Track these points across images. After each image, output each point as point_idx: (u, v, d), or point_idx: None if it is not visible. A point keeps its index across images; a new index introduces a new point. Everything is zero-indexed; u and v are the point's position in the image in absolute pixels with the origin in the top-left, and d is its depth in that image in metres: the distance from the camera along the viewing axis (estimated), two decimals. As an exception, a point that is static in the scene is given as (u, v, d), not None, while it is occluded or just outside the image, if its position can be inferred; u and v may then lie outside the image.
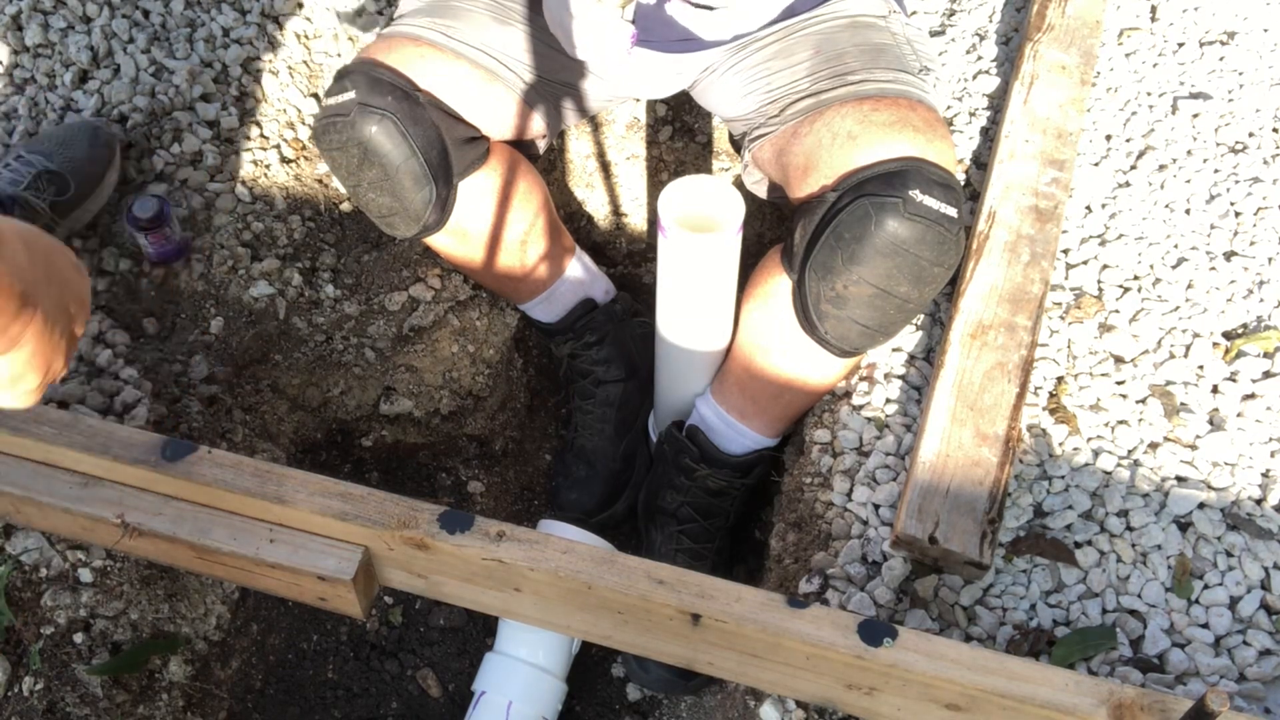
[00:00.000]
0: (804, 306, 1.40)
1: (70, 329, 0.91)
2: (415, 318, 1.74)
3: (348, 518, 1.22)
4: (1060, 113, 1.64)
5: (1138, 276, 1.55)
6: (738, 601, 1.16)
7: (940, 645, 1.13)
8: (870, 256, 1.32)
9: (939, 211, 1.31)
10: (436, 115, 1.48)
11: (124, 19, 1.87)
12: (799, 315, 1.42)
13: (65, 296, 0.90)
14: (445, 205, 1.53)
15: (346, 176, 1.51)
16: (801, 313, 1.41)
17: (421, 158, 1.47)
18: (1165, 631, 1.26)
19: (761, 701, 1.32)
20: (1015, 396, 1.37)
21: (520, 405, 1.94)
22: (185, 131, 1.77)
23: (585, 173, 2.04)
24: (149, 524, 1.26)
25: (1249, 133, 1.70)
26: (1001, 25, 1.88)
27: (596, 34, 1.36)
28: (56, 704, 1.31)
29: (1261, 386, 1.43)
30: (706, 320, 1.54)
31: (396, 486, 1.81)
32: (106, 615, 1.37)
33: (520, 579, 1.22)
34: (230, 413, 1.61)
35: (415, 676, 1.69)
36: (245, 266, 1.68)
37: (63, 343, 0.90)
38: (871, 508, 1.39)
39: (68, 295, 0.90)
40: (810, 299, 1.39)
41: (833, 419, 1.50)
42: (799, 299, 1.41)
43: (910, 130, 1.36)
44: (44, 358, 0.88)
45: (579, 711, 1.67)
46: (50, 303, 0.87)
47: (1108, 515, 1.35)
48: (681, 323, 1.55)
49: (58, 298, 0.89)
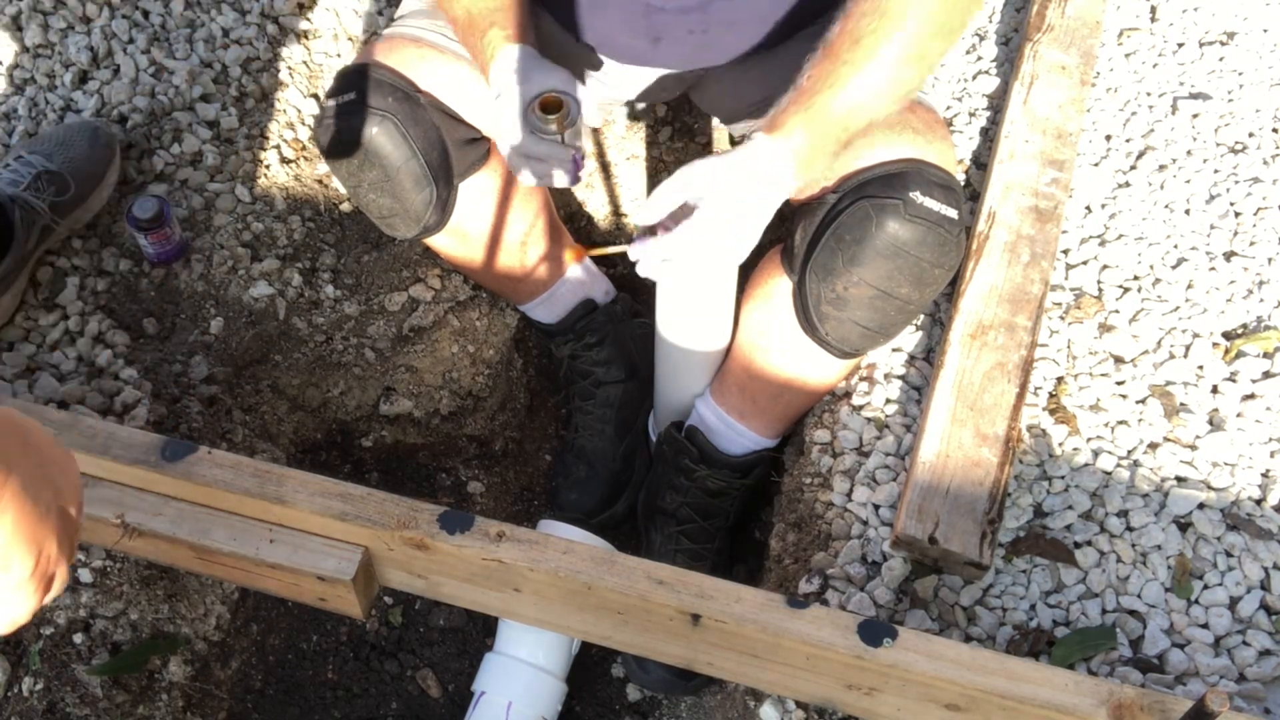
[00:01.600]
0: (804, 308, 1.40)
1: (61, 508, 0.80)
2: (415, 318, 1.74)
3: (348, 518, 1.22)
4: (1060, 113, 1.64)
5: (1138, 277, 1.55)
6: (738, 602, 1.16)
7: (940, 645, 1.13)
8: (871, 258, 1.32)
9: (939, 213, 1.31)
10: (437, 116, 1.48)
11: (124, 19, 1.87)
12: (799, 316, 1.42)
13: (45, 466, 0.80)
14: (446, 206, 1.53)
15: (347, 177, 1.51)
16: (802, 314, 1.41)
17: (422, 159, 1.46)
18: (1165, 632, 1.26)
19: (761, 702, 1.32)
20: (1015, 396, 1.37)
21: (520, 405, 1.94)
22: (185, 132, 1.77)
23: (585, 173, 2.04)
24: (149, 524, 1.26)
25: (1249, 133, 1.70)
26: (1001, 25, 1.88)
27: (542, 166, 1.38)
28: (56, 704, 1.31)
29: (1261, 386, 1.43)
30: (706, 321, 1.54)
31: (396, 487, 1.81)
32: (106, 615, 1.37)
33: (520, 579, 1.22)
34: (230, 413, 1.61)
35: (415, 677, 1.69)
36: (245, 267, 1.68)
37: (52, 520, 0.79)
38: (871, 508, 1.39)
39: (48, 465, 0.80)
40: (811, 300, 1.39)
41: (833, 419, 1.50)
42: (799, 300, 1.41)
43: (910, 132, 1.36)
44: (29, 532, 0.76)
45: (579, 711, 1.67)
46: (28, 470, 0.77)
47: (1108, 515, 1.35)
48: (681, 323, 1.55)
49: (36, 465, 0.78)
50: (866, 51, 1.21)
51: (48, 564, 0.79)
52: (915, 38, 1.22)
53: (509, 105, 1.36)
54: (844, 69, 1.22)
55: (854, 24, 1.22)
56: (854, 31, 1.22)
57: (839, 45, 1.23)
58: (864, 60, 1.22)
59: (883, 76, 1.22)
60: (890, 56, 1.21)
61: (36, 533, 0.77)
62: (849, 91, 1.22)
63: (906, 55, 1.22)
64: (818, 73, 1.24)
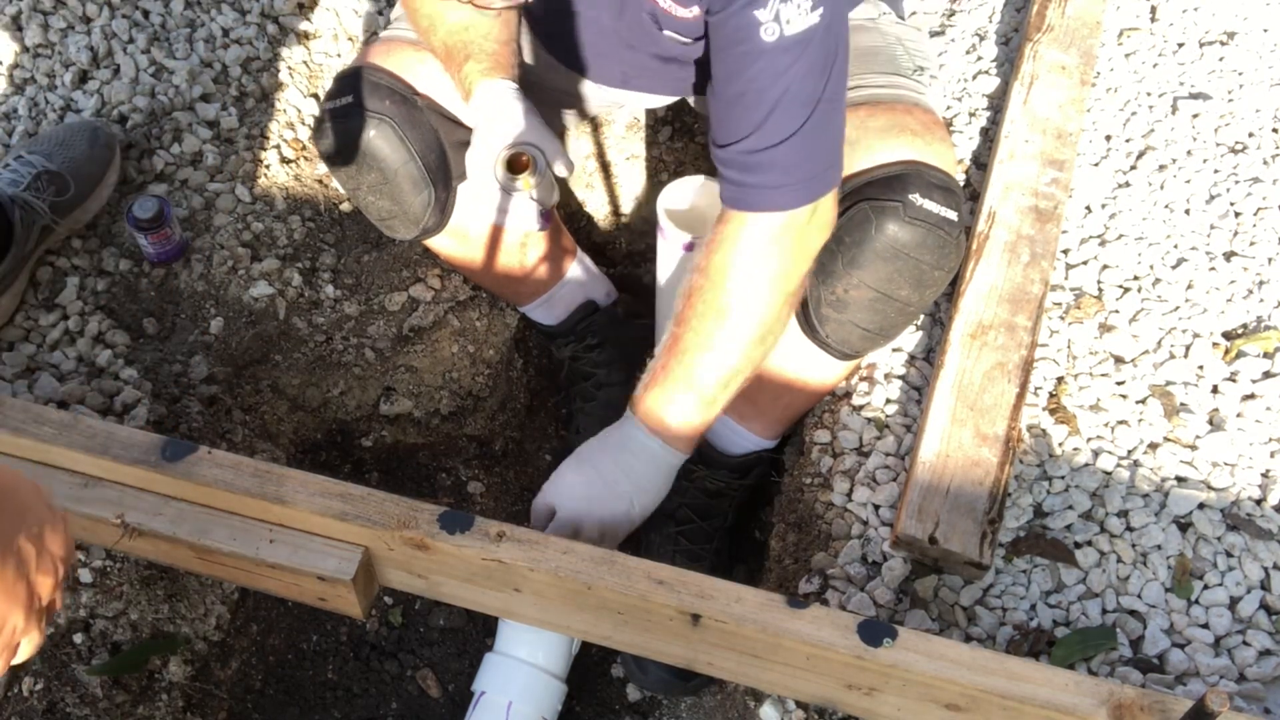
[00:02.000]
0: (804, 310, 1.40)
1: (29, 577, 0.75)
2: (415, 318, 1.74)
3: (348, 518, 1.22)
4: (1060, 113, 1.64)
5: (1138, 277, 1.55)
6: (738, 602, 1.16)
7: (940, 645, 1.13)
8: (870, 260, 1.32)
9: (939, 215, 1.31)
10: (435, 119, 1.48)
11: (124, 19, 1.87)
12: (799, 318, 1.42)
13: (16, 528, 0.74)
14: (444, 208, 1.53)
15: (346, 180, 1.51)
16: (802, 316, 1.41)
17: (420, 161, 1.46)
18: (1165, 632, 1.26)
19: (761, 702, 1.32)
20: (1015, 396, 1.37)
21: (520, 406, 1.94)
22: (185, 131, 1.77)
23: (585, 173, 2.04)
24: (149, 524, 1.26)
25: (1249, 133, 1.70)
26: (1001, 25, 1.88)
27: (509, 217, 1.43)
28: (56, 704, 1.31)
29: (1261, 386, 1.43)
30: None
31: (396, 487, 1.81)
32: (106, 615, 1.37)
33: (520, 579, 1.22)
34: (230, 413, 1.61)
35: (415, 677, 1.69)
36: (245, 266, 1.68)
37: (20, 590, 0.73)
38: (871, 508, 1.39)
39: (20, 525, 0.74)
40: (811, 302, 1.39)
41: (833, 419, 1.50)
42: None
43: (908, 134, 1.36)
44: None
45: (579, 711, 1.67)
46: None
47: (1108, 515, 1.35)
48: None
49: (4, 528, 0.73)
50: (704, 337, 1.27)
51: (12, 634, 0.75)
52: (748, 317, 1.27)
53: (478, 157, 1.41)
54: (691, 352, 1.28)
55: (688, 305, 1.28)
56: (688, 316, 1.28)
57: (681, 328, 1.29)
58: (704, 344, 1.28)
59: (730, 357, 1.28)
60: (726, 339, 1.27)
61: (1, 604, 0.73)
62: (701, 368, 1.28)
63: (748, 334, 1.27)
64: (669, 355, 1.30)
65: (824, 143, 1.22)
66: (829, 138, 1.23)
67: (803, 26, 1.15)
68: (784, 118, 1.18)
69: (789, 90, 1.17)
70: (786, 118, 1.18)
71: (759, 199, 1.22)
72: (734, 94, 1.20)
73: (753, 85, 1.18)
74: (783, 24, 1.14)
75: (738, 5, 1.16)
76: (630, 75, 1.52)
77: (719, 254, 1.26)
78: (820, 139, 1.21)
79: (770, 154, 1.20)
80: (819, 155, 1.22)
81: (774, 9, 1.14)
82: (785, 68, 1.16)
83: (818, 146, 1.21)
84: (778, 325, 1.29)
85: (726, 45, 1.19)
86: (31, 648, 0.78)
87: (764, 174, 1.21)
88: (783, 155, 1.20)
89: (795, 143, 1.19)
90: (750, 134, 1.20)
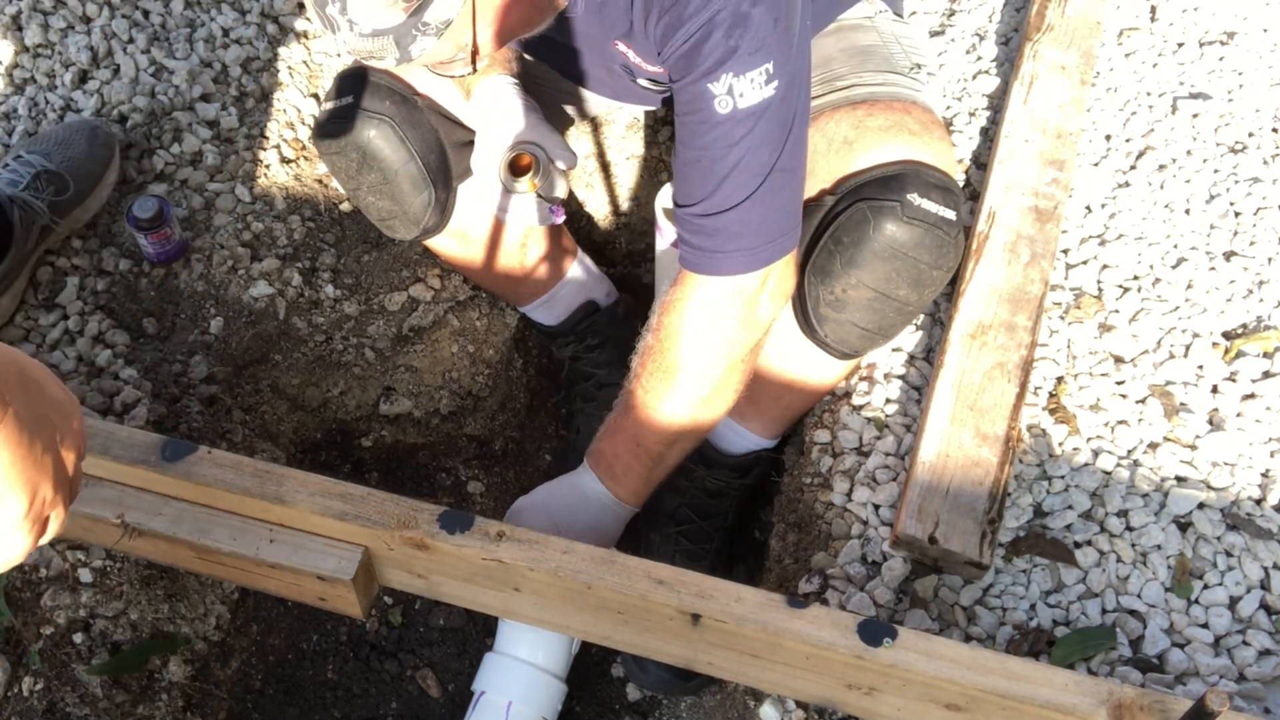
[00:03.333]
0: (803, 310, 1.40)
1: (57, 450, 0.80)
2: (415, 318, 1.74)
3: (347, 518, 1.22)
4: (1060, 113, 1.64)
5: (1137, 276, 1.55)
6: (738, 601, 1.16)
7: (940, 645, 1.13)
8: (869, 260, 1.32)
9: (937, 214, 1.31)
10: (435, 119, 1.48)
11: (124, 19, 1.87)
12: (798, 318, 1.42)
13: (43, 406, 0.79)
14: (445, 208, 1.53)
15: (346, 180, 1.51)
16: (801, 316, 1.41)
17: (420, 161, 1.47)
18: (1165, 631, 1.26)
19: (761, 701, 1.32)
20: (1015, 396, 1.37)
21: (520, 405, 1.94)
22: (185, 131, 1.77)
23: (585, 173, 2.04)
24: (149, 524, 1.26)
25: (1249, 133, 1.70)
26: (1001, 25, 1.88)
27: (516, 216, 1.46)
28: (56, 704, 1.31)
29: (1261, 386, 1.43)
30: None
31: (396, 486, 1.81)
32: (106, 615, 1.37)
33: (520, 579, 1.22)
34: (230, 413, 1.61)
35: (415, 676, 1.69)
36: (245, 266, 1.68)
37: (48, 462, 0.78)
38: (871, 508, 1.39)
39: (46, 405, 0.79)
40: (810, 302, 1.39)
41: (833, 419, 1.50)
42: (798, 302, 1.41)
43: (906, 133, 1.36)
44: (25, 472, 0.76)
45: (579, 711, 1.67)
46: (24, 406, 0.75)
47: (1107, 515, 1.35)
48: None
49: (34, 404, 0.77)
50: (653, 397, 1.31)
51: (43, 505, 0.78)
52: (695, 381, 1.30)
53: (481, 160, 1.43)
54: (640, 410, 1.32)
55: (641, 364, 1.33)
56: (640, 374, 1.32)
57: (634, 385, 1.33)
58: (653, 404, 1.31)
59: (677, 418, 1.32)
60: (673, 401, 1.31)
61: (32, 473, 0.76)
62: (649, 427, 1.32)
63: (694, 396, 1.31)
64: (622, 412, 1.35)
65: (775, 211, 1.23)
66: (781, 205, 1.24)
67: (756, 100, 1.16)
68: (735, 185, 1.20)
69: (742, 160, 1.19)
70: (737, 186, 1.20)
71: (709, 263, 1.25)
72: (690, 158, 1.22)
73: (706, 153, 1.20)
74: (735, 97, 1.16)
75: (691, 77, 1.18)
76: (620, 94, 1.54)
77: (670, 315, 1.30)
78: (771, 207, 1.22)
79: (721, 219, 1.22)
80: (770, 223, 1.23)
81: (727, 83, 1.15)
82: (738, 138, 1.18)
83: (768, 214, 1.23)
84: (726, 391, 1.32)
85: (683, 113, 1.21)
86: (58, 524, 0.82)
87: (714, 238, 1.23)
88: (733, 221, 1.22)
89: (745, 210, 1.21)
90: (704, 199, 1.22)
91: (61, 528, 0.82)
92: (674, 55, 1.19)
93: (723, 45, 1.14)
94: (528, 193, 1.41)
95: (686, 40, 1.16)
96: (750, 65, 1.14)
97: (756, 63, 1.15)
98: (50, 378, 0.82)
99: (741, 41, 1.14)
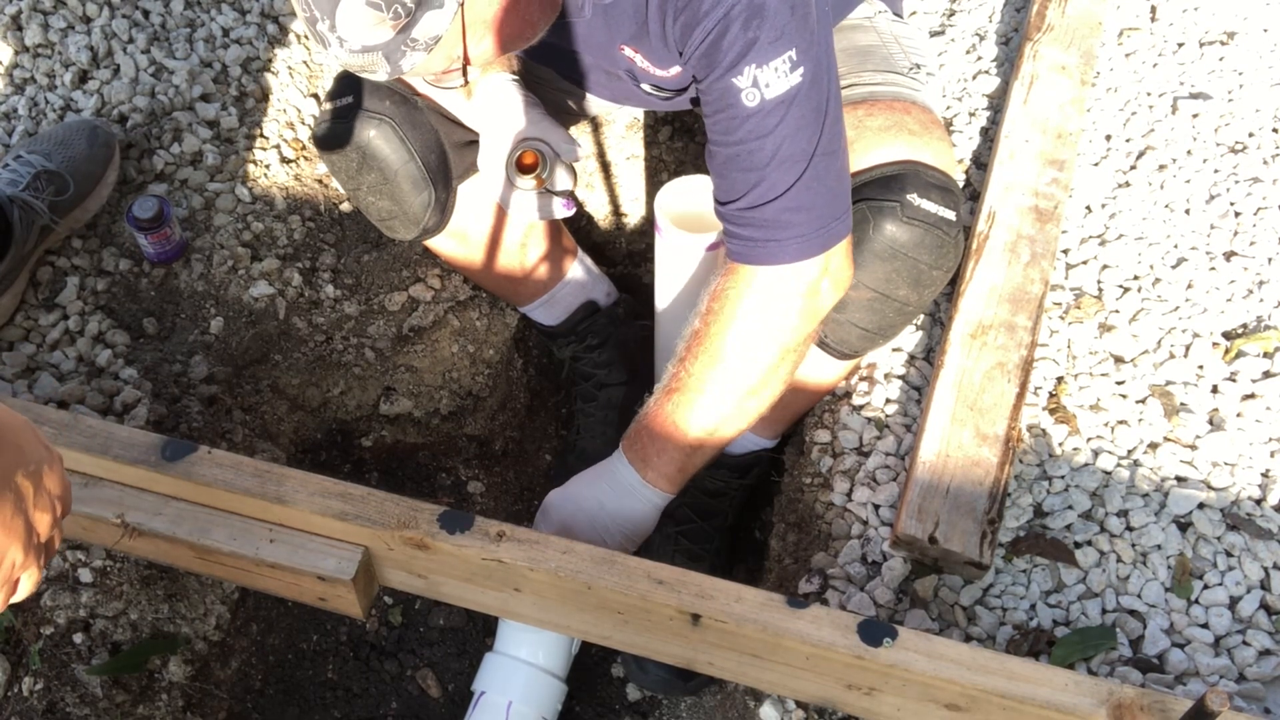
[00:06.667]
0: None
1: (28, 513, 0.76)
2: (415, 318, 1.74)
3: (348, 518, 1.22)
4: (1060, 113, 1.64)
5: (1138, 276, 1.55)
6: (738, 601, 1.16)
7: (940, 645, 1.13)
8: (868, 261, 1.32)
9: (937, 215, 1.31)
10: (435, 119, 1.48)
11: (124, 19, 1.87)
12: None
13: (11, 465, 0.75)
14: (445, 208, 1.53)
15: (346, 180, 1.51)
16: (801, 314, 1.41)
17: (420, 162, 1.47)
18: (1165, 631, 1.26)
19: (761, 701, 1.32)
20: (1015, 396, 1.37)
21: (520, 405, 1.94)
22: (185, 131, 1.77)
23: (585, 173, 2.04)
24: (149, 524, 1.26)
25: (1249, 133, 1.70)
26: (1001, 25, 1.88)
27: (521, 209, 1.45)
28: (56, 704, 1.31)
29: (1261, 386, 1.43)
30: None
31: (396, 486, 1.81)
32: (106, 615, 1.37)
33: (520, 579, 1.22)
34: (230, 413, 1.61)
35: (415, 676, 1.69)
36: (245, 266, 1.68)
37: (18, 524, 0.75)
38: (871, 508, 1.39)
39: (16, 464, 0.75)
40: (810, 301, 1.38)
41: (833, 419, 1.50)
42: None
43: (906, 133, 1.36)
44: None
45: (579, 711, 1.67)
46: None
47: (1108, 515, 1.35)
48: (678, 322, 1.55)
49: (2, 467, 0.74)
50: (699, 382, 1.27)
51: (11, 568, 0.77)
52: (744, 370, 1.27)
53: (489, 156, 1.42)
54: (683, 395, 1.29)
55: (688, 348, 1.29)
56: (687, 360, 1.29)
57: (679, 370, 1.29)
58: (697, 391, 1.28)
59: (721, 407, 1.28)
60: (719, 389, 1.27)
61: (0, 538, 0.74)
62: (691, 416, 1.28)
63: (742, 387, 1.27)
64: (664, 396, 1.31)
65: (823, 195, 1.21)
66: (829, 189, 1.22)
67: (783, 88, 1.15)
68: (778, 175, 1.18)
69: (780, 148, 1.17)
70: (781, 174, 1.18)
71: (763, 253, 1.22)
72: (728, 156, 1.21)
73: (743, 147, 1.19)
74: (762, 88, 1.15)
75: (715, 74, 1.17)
76: (621, 96, 1.53)
77: (722, 302, 1.26)
78: (818, 192, 1.20)
79: (769, 209, 1.20)
80: (820, 207, 1.21)
81: (751, 75, 1.14)
82: (772, 128, 1.17)
83: (817, 199, 1.21)
84: (774, 381, 1.29)
85: (713, 110, 1.20)
86: (30, 584, 0.80)
87: (765, 229, 1.21)
88: (782, 210, 1.20)
89: (792, 197, 1.19)
90: (747, 192, 1.20)
91: (35, 586, 0.80)
92: (695, 54, 1.18)
93: (741, 38, 1.13)
94: (534, 189, 1.41)
95: (705, 38, 1.15)
96: (772, 54, 1.13)
97: (778, 51, 1.13)
98: (26, 431, 0.79)
99: (760, 32, 1.12)
